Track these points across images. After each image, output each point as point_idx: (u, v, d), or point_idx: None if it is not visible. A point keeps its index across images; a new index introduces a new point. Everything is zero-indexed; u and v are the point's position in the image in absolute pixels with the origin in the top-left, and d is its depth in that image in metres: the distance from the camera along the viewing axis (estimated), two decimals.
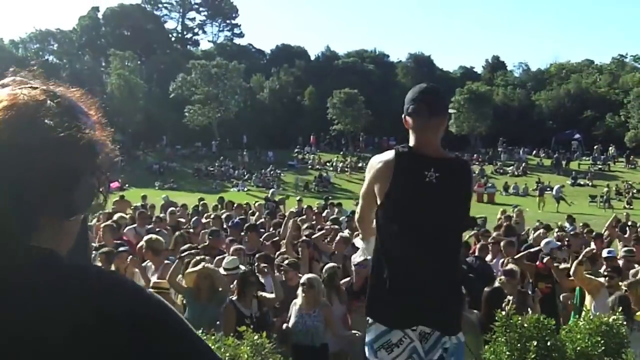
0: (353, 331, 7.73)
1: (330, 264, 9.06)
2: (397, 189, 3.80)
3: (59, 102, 1.44)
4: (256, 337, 5.27)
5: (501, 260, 10.99)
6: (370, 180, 3.96)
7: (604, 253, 10.85)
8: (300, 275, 8.53)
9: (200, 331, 5.17)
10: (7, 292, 1.28)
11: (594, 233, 14.67)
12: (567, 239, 13.71)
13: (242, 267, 8.48)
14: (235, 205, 19.69)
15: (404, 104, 3.99)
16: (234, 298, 7.39)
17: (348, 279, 8.79)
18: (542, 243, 11.27)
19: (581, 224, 17.94)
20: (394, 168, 3.81)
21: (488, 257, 11.45)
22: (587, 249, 9.83)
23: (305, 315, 7.42)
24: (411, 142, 3.92)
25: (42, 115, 1.36)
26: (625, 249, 11.76)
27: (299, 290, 7.67)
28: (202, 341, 1.43)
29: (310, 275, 7.88)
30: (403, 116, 3.98)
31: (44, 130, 1.35)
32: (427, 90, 3.97)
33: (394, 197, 3.82)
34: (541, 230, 14.78)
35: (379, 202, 3.91)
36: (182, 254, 8.40)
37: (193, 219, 15.92)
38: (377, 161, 3.95)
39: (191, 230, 13.77)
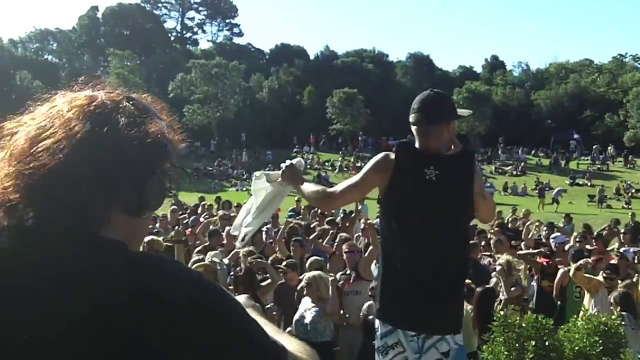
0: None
1: (315, 258, 9.16)
2: (397, 187, 3.80)
3: (135, 103, 1.50)
4: None
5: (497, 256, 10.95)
6: (369, 172, 3.96)
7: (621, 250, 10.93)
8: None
9: None
10: (76, 276, 1.29)
11: (595, 233, 14.63)
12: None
13: (225, 261, 8.59)
14: (235, 204, 19.63)
15: (411, 110, 4.05)
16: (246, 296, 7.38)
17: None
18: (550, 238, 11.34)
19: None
20: (394, 165, 3.82)
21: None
22: (585, 260, 9.81)
23: (307, 311, 7.44)
24: (416, 143, 3.95)
25: (119, 114, 1.43)
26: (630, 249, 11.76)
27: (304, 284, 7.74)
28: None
29: (310, 273, 7.90)
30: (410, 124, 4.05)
31: (121, 128, 1.40)
32: (426, 99, 4.01)
33: (393, 196, 3.83)
34: (536, 224, 14.87)
35: (380, 200, 3.92)
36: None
37: (191, 218, 15.92)
38: (380, 158, 3.96)
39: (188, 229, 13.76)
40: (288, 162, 4.34)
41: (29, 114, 1.48)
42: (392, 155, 3.89)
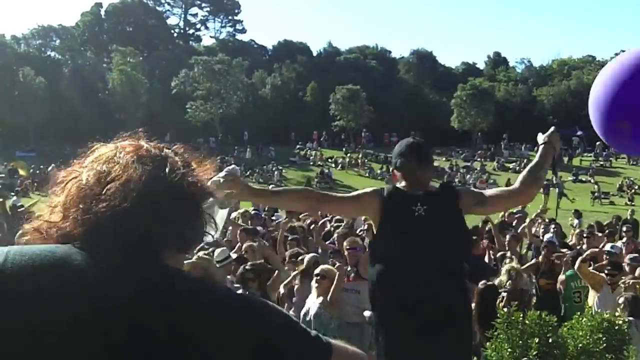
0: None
1: (312, 254, 9.16)
2: (389, 225, 3.87)
3: (175, 152, 1.68)
4: None
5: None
6: (363, 196, 4.02)
7: (607, 247, 10.76)
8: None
9: None
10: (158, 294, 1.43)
11: (606, 231, 14.58)
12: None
13: (233, 256, 8.59)
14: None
15: (394, 156, 4.17)
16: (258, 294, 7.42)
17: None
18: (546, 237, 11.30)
19: (592, 223, 17.69)
20: (384, 202, 3.91)
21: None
22: (592, 249, 9.76)
23: (313, 305, 7.42)
24: (400, 185, 4.04)
25: (170, 159, 1.60)
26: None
27: (313, 282, 7.70)
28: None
29: (325, 266, 7.90)
30: (391, 170, 4.12)
31: (173, 173, 1.56)
32: (414, 145, 4.15)
33: (386, 234, 3.88)
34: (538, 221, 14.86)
35: (370, 242, 4.06)
36: None
37: None
38: (374, 192, 4.03)
39: None
40: (222, 173, 3.60)
41: (75, 166, 1.61)
42: (382, 190, 4.00)
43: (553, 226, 14.67)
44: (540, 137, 4.47)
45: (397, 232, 3.84)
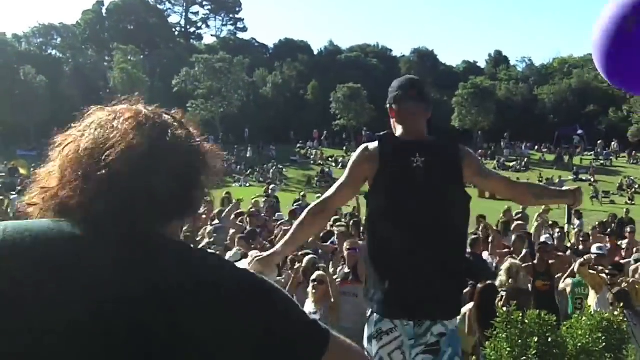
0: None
1: (311, 256, 9.06)
2: (384, 177, 3.77)
3: (174, 116, 1.68)
4: None
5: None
6: (354, 166, 3.92)
7: (593, 249, 10.72)
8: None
9: None
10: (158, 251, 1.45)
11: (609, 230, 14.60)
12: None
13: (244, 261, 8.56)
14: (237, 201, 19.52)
15: (392, 91, 4.05)
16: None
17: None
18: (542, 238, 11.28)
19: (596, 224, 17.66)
20: (379, 155, 3.79)
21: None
22: (588, 256, 9.76)
23: (312, 313, 7.36)
24: (397, 132, 3.93)
25: (170, 126, 1.59)
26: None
27: (310, 288, 7.65)
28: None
29: (320, 272, 7.86)
30: (388, 105, 4.01)
31: (176, 139, 1.56)
32: (414, 79, 4.12)
33: (381, 186, 3.78)
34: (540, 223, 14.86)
35: (368, 191, 3.87)
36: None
37: None
38: (360, 149, 3.93)
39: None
40: (248, 260, 3.96)
41: (72, 130, 1.61)
42: (373, 146, 3.86)
43: (557, 230, 14.57)
44: (567, 187, 4.47)
45: (392, 183, 3.77)
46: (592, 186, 42.09)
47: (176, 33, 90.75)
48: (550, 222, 16.60)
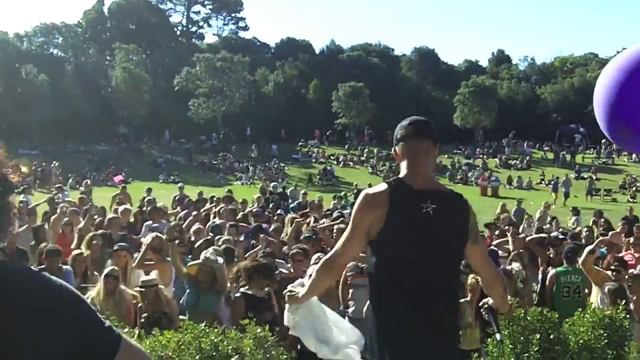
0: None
1: (320, 254, 9.09)
2: (394, 223, 3.66)
3: None
4: (259, 330, 5.27)
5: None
6: (360, 216, 3.77)
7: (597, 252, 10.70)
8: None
9: (203, 324, 5.19)
10: None
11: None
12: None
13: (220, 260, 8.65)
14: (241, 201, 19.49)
15: (394, 137, 3.97)
16: (244, 289, 7.44)
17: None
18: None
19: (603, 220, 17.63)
20: (389, 202, 3.68)
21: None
22: (597, 244, 9.74)
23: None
24: (402, 174, 3.83)
25: None
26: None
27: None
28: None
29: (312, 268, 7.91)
30: (393, 149, 3.95)
31: None
32: (415, 118, 3.97)
33: (390, 233, 3.68)
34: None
35: (372, 239, 3.75)
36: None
37: (184, 212, 15.81)
38: (368, 195, 3.81)
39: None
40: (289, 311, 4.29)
41: None
42: (384, 189, 3.75)
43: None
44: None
45: (402, 230, 3.67)
46: (588, 180, 42.12)
47: (178, 32, 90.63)
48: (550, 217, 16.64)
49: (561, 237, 11.76)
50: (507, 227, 12.31)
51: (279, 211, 17.03)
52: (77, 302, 1.74)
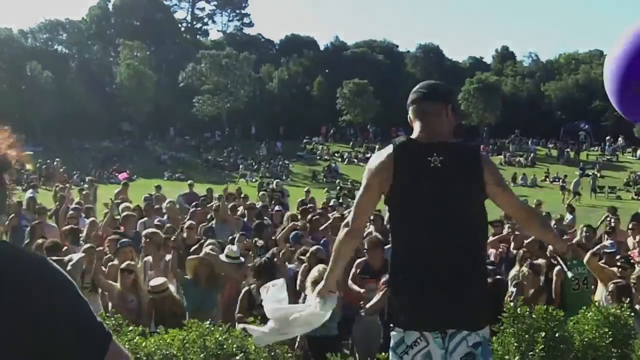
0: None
1: (317, 247, 9.18)
2: (402, 180, 3.66)
3: None
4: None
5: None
6: (370, 179, 3.80)
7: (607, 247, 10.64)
8: None
9: (208, 322, 5.19)
10: None
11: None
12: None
13: (242, 259, 8.62)
14: (243, 195, 19.45)
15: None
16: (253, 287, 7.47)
17: (363, 259, 8.70)
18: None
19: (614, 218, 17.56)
20: (394, 160, 3.69)
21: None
22: (602, 245, 9.71)
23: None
24: (413, 135, 3.84)
25: None
26: None
27: (308, 290, 7.66)
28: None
29: (316, 270, 7.86)
30: (408, 117, 3.95)
31: None
32: (425, 82, 4.02)
33: (399, 190, 3.69)
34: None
35: (384, 199, 3.78)
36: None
37: (191, 210, 15.79)
38: (374, 158, 3.85)
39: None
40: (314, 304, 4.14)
41: None
42: (389, 150, 3.76)
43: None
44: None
45: (410, 184, 3.67)
46: (590, 177, 41.93)
47: (182, 29, 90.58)
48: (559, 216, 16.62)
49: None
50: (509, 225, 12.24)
51: (277, 207, 16.95)
52: (75, 292, 1.76)
